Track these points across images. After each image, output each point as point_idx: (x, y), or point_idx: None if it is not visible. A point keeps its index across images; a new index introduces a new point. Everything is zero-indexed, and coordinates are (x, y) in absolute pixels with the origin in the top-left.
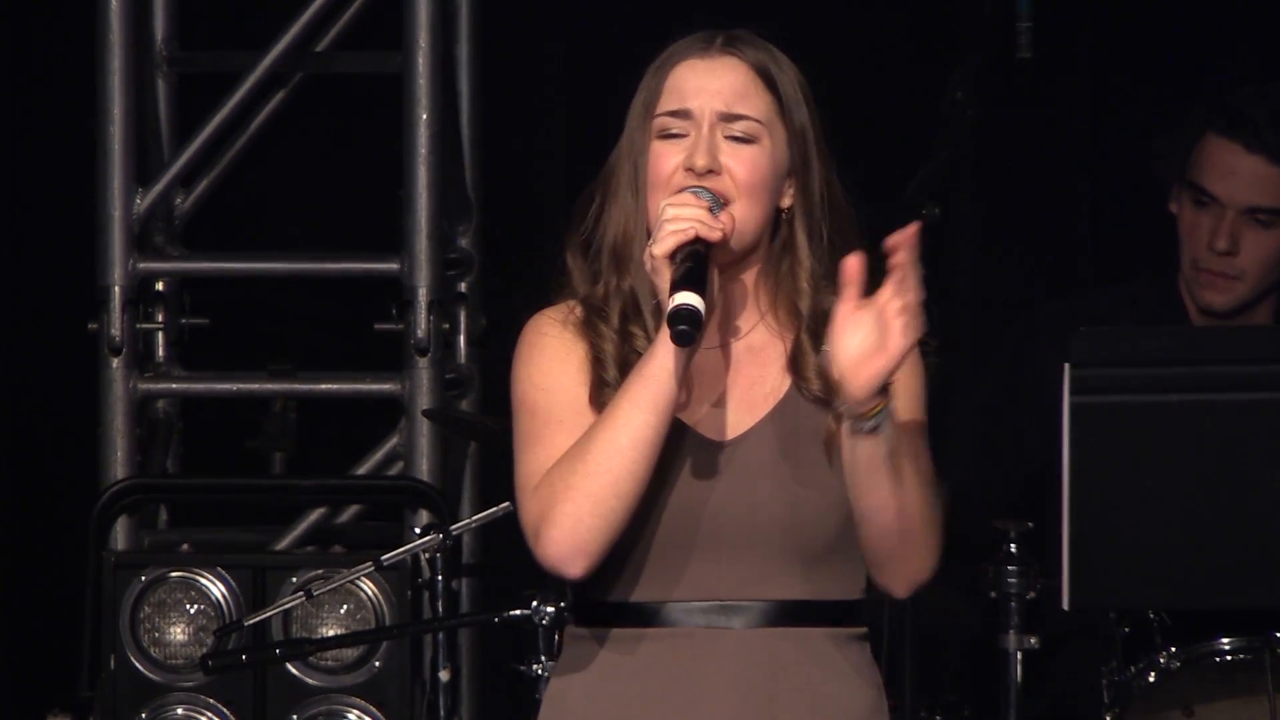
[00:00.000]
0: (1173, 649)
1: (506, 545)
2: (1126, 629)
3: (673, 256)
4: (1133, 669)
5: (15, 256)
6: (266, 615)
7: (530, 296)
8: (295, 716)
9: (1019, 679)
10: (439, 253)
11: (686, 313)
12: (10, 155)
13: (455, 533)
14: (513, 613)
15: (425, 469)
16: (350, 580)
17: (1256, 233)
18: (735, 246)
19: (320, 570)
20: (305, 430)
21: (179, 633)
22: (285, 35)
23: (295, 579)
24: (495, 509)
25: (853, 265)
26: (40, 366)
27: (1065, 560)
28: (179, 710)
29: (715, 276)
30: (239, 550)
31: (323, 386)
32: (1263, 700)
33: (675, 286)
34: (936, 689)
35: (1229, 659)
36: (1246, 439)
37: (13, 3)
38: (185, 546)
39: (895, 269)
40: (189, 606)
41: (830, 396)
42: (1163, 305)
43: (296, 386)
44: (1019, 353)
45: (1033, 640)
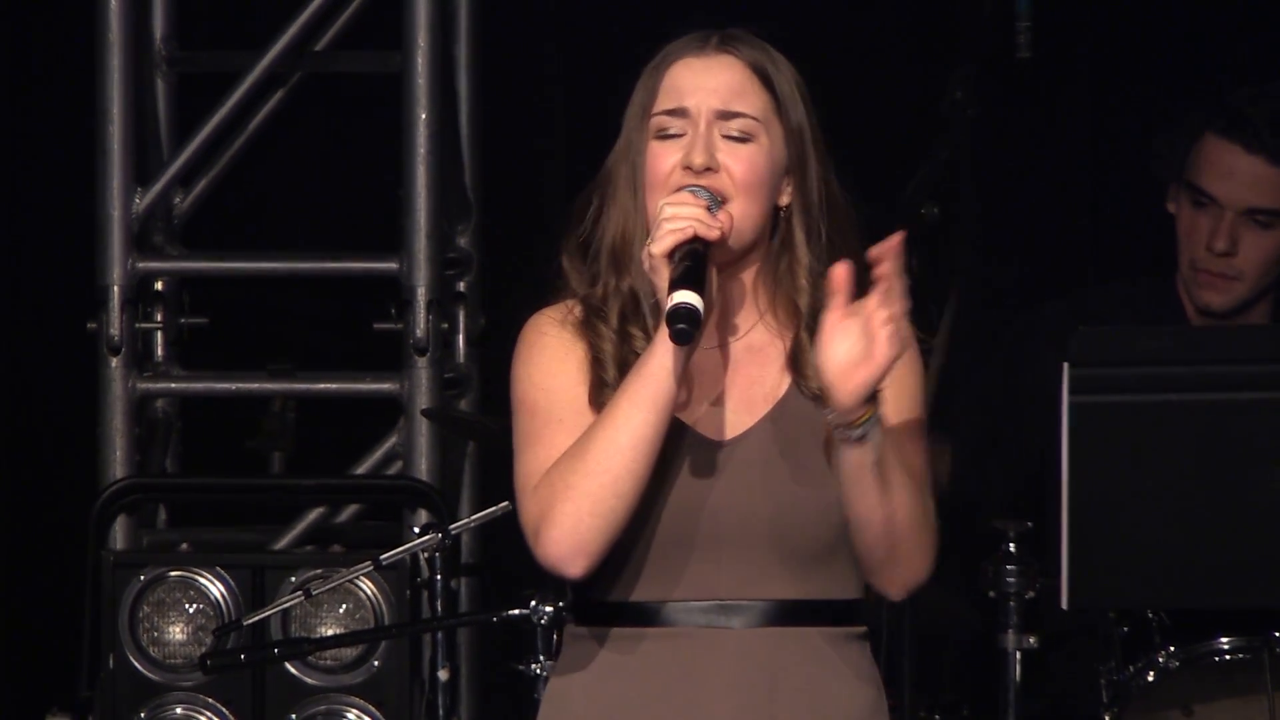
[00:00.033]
0: (1172, 648)
1: (506, 545)
2: (1125, 628)
3: (671, 255)
4: (1132, 668)
5: (15, 256)
6: (265, 615)
7: (530, 296)
8: (294, 716)
9: (1018, 678)
10: (438, 252)
11: (685, 311)
12: (10, 155)
13: (454, 532)
14: (511, 612)
15: (424, 469)
16: (349, 580)
17: (1255, 233)
18: (734, 245)
19: (319, 570)
20: (304, 430)
21: (178, 632)
22: (284, 35)
23: (294, 578)
24: (494, 509)
25: (840, 273)
26: (39, 366)
27: (1064, 560)
28: (178, 710)
29: (714, 275)
30: (238, 550)
31: (322, 386)
32: (1262, 700)
33: (674, 285)
34: (935, 689)
35: (1228, 659)
36: (1246, 439)
37: (13, 3)
38: (184, 546)
39: (880, 279)
40: (188, 606)
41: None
42: (1161, 305)
43: (295, 386)
44: (1019, 353)
45: (1032, 640)
